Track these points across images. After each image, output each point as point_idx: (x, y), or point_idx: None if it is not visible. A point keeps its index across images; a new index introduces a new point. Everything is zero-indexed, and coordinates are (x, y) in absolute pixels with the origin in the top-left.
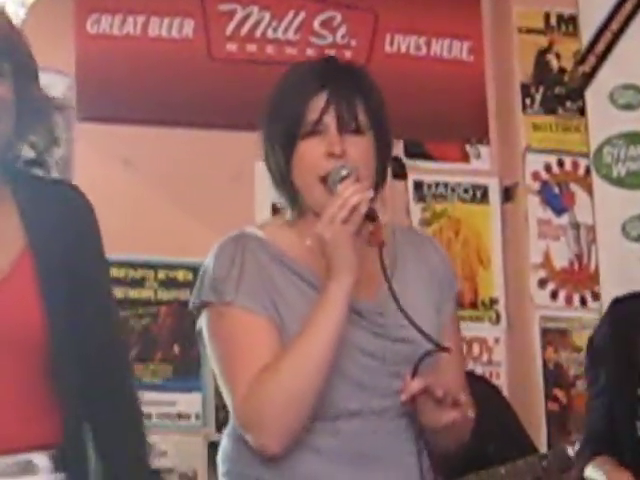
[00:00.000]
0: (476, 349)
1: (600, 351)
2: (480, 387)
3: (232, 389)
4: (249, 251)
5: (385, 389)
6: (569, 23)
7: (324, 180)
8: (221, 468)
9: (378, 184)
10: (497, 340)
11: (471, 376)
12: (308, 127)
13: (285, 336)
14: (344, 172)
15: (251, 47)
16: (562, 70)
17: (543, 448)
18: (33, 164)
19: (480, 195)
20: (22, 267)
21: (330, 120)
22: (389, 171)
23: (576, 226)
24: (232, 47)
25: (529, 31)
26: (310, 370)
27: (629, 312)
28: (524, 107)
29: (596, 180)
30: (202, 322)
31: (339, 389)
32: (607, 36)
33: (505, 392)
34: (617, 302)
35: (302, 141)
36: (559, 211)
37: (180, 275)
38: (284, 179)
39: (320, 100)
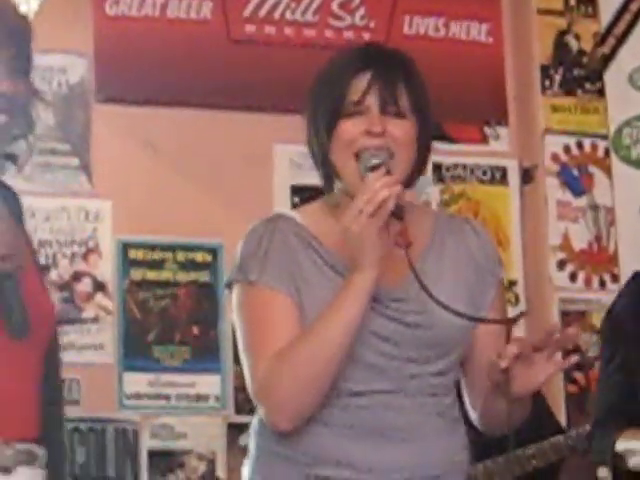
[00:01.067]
0: None
1: (619, 325)
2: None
3: (251, 365)
4: (279, 232)
5: (399, 372)
6: (588, 4)
7: (358, 157)
8: (250, 442)
9: (415, 171)
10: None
11: None
12: (350, 107)
13: (304, 319)
14: (376, 160)
15: (269, 29)
16: (581, 52)
17: None
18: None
19: (499, 177)
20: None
21: (372, 101)
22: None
23: (595, 208)
24: (251, 29)
25: (548, 12)
26: (326, 357)
27: None
28: (543, 89)
29: (615, 162)
30: (233, 299)
31: (349, 371)
32: (626, 17)
33: None
34: (638, 275)
35: (343, 120)
36: (578, 193)
37: (199, 257)
38: (324, 159)
39: (363, 81)
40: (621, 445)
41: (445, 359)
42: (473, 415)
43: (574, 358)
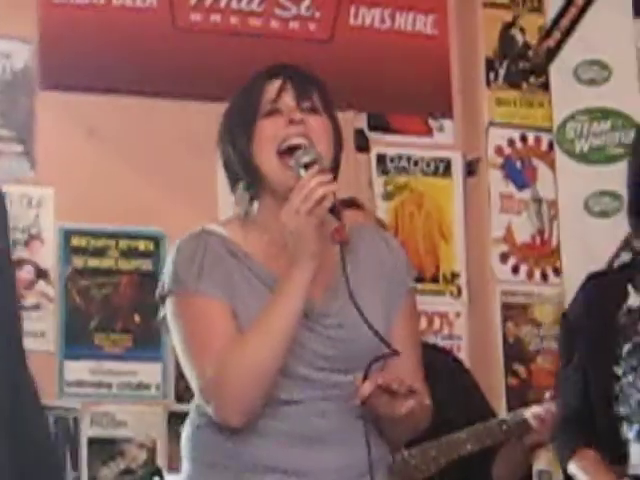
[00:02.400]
0: (437, 323)
1: (575, 328)
2: (439, 356)
3: (195, 367)
4: (210, 246)
5: (329, 382)
6: None
7: (281, 153)
8: (183, 451)
9: (334, 167)
10: (458, 314)
11: (432, 347)
12: (267, 106)
13: (240, 328)
14: (309, 158)
15: (215, 17)
16: (527, 45)
17: None
18: None
19: (443, 169)
20: None
21: (287, 98)
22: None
23: (538, 201)
24: (196, 17)
25: (494, 5)
26: (273, 347)
27: (604, 288)
28: (488, 81)
29: (559, 155)
30: (167, 310)
31: (284, 383)
32: (572, 11)
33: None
34: (592, 278)
35: (261, 121)
36: (521, 186)
37: (142, 245)
38: (247, 163)
39: (275, 84)
40: (571, 469)
41: (367, 367)
42: None
43: (426, 402)
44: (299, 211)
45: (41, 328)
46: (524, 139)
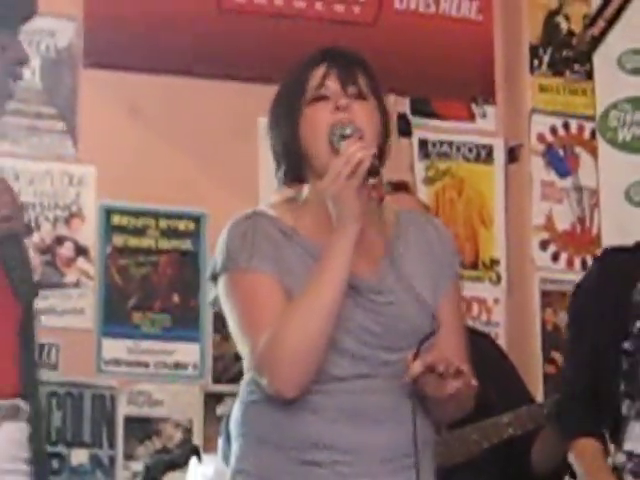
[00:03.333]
0: (475, 309)
1: (587, 301)
2: (477, 339)
3: (248, 342)
4: (260, 226)
5: (377, 359)
6: None
7: (329, 135)
8: (233, 431)
9: (382, 152)
10: (497, 301)
11: (471, 331)
12: (312, 93)
13: None
14: (348, 130)
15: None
16: (571, 33)
17: None
18: None
19: (484, 155)
20: None
21: (332, 83)
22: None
23: (579, 189)
24: None
25: None
26: (321, 313)
27: (619, 263)
28: (531, 68)
29: (601, 144)
30: (219, 289)
31: (333, 360)
32: (617, 0)
33: None
34: (608, 252)
35: (308, 106)
36: (563, 174)
37: (182, 225)
38: (293, 149)
39: (320, 70)
40: (571, 459)
41: (414, 348)
42: None
43: (474, 383)
44: (340, 175)
45: (80, 305)
46: (566, 127)
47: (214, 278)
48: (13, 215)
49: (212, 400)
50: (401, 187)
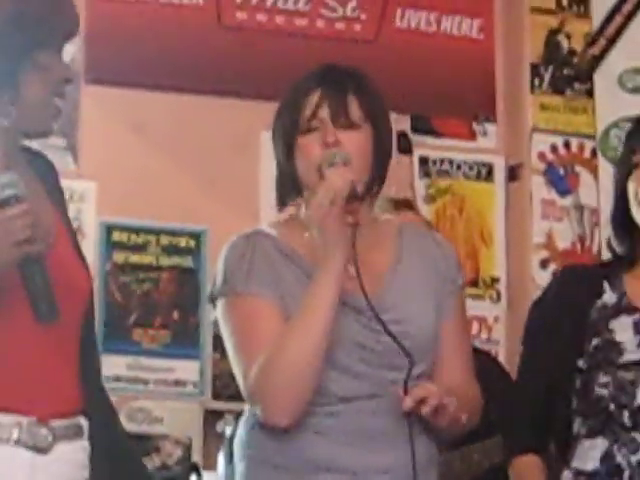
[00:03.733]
0: (476, 327)
1: (544, 317)
2: (481, 359)
3: (244, 369)
4: (259, 247)
5: (379, 378)
6: (581, 4)
7: (319, 170)
8: (238, 453)
9: (376, 177)
10: (497, 319)
11: (473, 350)
12: (305, 123)
13: None
14: (336, 158)
15: (261, 16)
16: (572, 51)
17: None
18: None
19: (485, 173)
20: (61, 231)
21: (324, 115)
22: (394, 149)
23: (580, 208)
24: (242, 15)
25: (540, 11)
26: (311, 339)
27: (578, 281)
28: (532, 87)
29: (602, 162)
30: (217, 312)
31: (334, 379)
32: (618, 19)
33: None
34: (567, 270)
35: (301, 137)
36: (563, 192)
37: (183, 242)
38: (286, 175)
39: (314, 98)
40: (510, 472)
41: (421, 365)
42: None
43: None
44: (321, 204)
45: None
46: (567, 145)
47: (213, 300)
48: (35, 237)
49: (212, 417)
50: (404, 205)
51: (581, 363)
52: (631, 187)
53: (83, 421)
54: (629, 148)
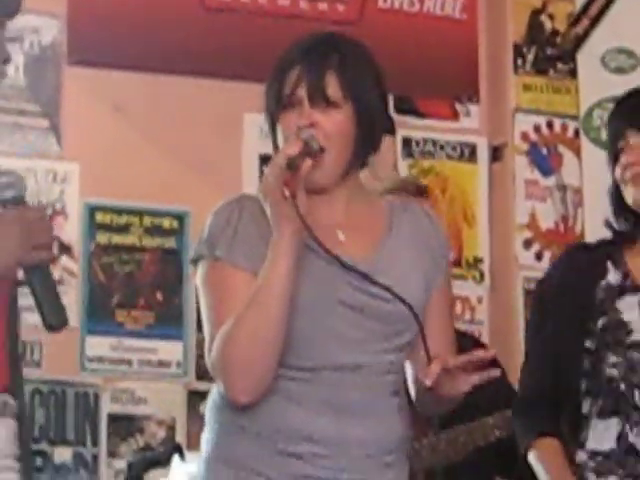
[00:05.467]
0: (459, 307)
1: (549, 298)
2: (463, 340)
3: (208, 341)
4: (247, 210)
5: (364, 345)
6: None
7: None
8: (210, 418)
9: (361, 153)
10: (480, 299)
11: (456, 332)
12: (285, 99)
13: None
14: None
15: None
16: (555, 31)
17: None
18: None
19: (468, 153)
20: None
21: (303, 93)
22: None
23: (563, 188)
24: None
25: None
26: (266, 314)
27: (582, 261)
28: (515, 67)
29: (585, 143)
30: (197, 275)
31: (319, 341)
32: None
33: None
34: (571, 250)
35: (282, 113)
36: (546, 172)
37: (165, 223)
38: (274, 150)
39: (293, 75)
40: (531, 459)
41: (402, 336)
42: (412, 392)
43: (495, 372)
44: (266, 178)
45: (64, 303)
46: (550, 126)
47: (194, 261)
48: (50, 244)
49: (195, 398)
50: (424, 191)
51: (589, 343)
52: (618, 172)
53: (10, 399)
54: (613, 134)
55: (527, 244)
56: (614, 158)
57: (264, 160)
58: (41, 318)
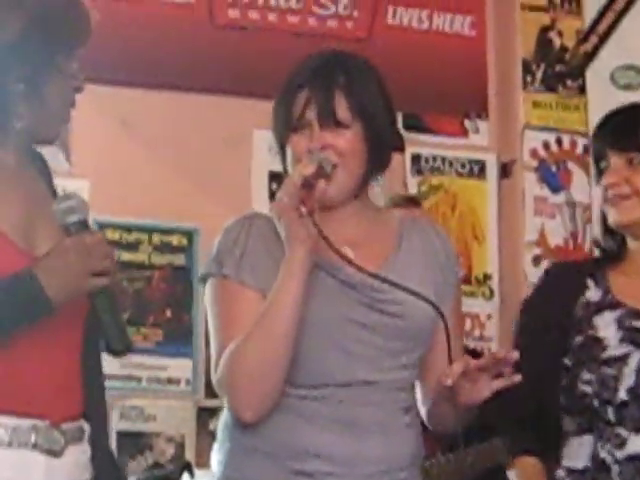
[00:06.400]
0: (468, 324)
1: (530, 316)
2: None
3: (215, 358)
4: (256, 228)
5: (375, 362)
6: (572, 1)
7: None
8: (221, 437)
9: (372, 170)
10: (489, 316)
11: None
12: (295, 122)
13: None
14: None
15: (253, 14)
16: (564, 48)
17: None
18: None
19: (477, 170)
20: None
21: (312, 116)
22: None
23: (572, 205)
24: (234, 13)
25: (532, 8)
26: (274, 336)
27: (564, 278)
28: (524, 84)
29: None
30: (205, 293)
31: (330, 359)
32: (610, 16)
33: None
34: (553, 267)
35: (292, 135)
36: (556, 189)
37: (175, 240)
38: (283, 170)
39: (302, 97)
40: (512, 477)
41: (414, 353)
42: (422, 412)
43: (517, 377)
44: (280, 199)
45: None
46: (559, 142)
47: (203, 280)
48: (109, 270)
49: (205, 415)
50: (413, 202)
51: (567, 361)
52: (599, 193)
53: (85, 424)
54: (596, 154)
55: (536, 261)
56: (597, 179)
57: (274, 177)
58: (105, 343)
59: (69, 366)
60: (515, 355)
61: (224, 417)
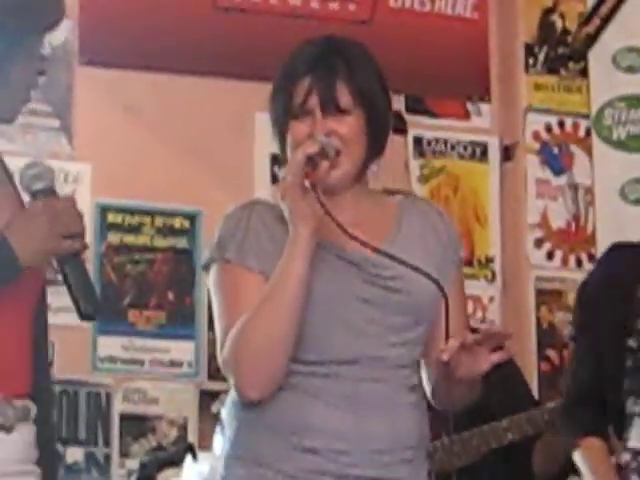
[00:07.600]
0: (470, 307)
1: (592, 298)
2: None
3: (220, 339)
4: (256, 214)
5: (380, 339)
6: None
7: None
8: (227, 416)
9: (372, 154)
10: (492, 299)
11: (472, 331)
12: (297, 109)
13: None
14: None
15: None
16: (566, 31)
17: None
18: None
19: (480, 153)
20: None
21: (314, 102)
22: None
23: (574, 187)
24: None
25: None
26: (279, 313)
27: (625, 260)
28: (527, 66)
29: (596, 142)
30: (209, 278)
31: (336, 336)
32: None
33: None
34: (614, 249)
35: (293, 121)
36: (558, 171)
37: (177, 223)
38: (282, 157)
39: (304, 85)
40: (576, 458)
41: (418, 328)
42: (427, 390)
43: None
44: (283, 178)
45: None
46: (562, 125)
47: (206, 267)
48: (80, 233)
49: (207, 398)
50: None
51: (631, 342)
52: None
53: (31, 404)
54: None
55: (538, 243)
56: None
57: (276, 159)
58: (75, 307)
59: (20, 344)
60: (510, 331)
61: (230, 396)
